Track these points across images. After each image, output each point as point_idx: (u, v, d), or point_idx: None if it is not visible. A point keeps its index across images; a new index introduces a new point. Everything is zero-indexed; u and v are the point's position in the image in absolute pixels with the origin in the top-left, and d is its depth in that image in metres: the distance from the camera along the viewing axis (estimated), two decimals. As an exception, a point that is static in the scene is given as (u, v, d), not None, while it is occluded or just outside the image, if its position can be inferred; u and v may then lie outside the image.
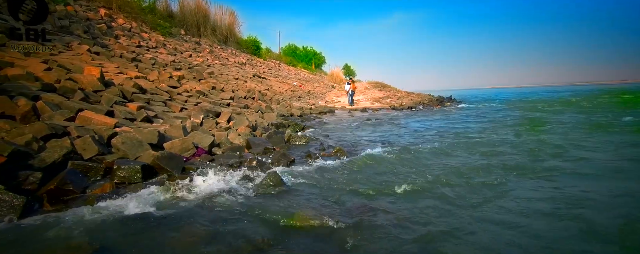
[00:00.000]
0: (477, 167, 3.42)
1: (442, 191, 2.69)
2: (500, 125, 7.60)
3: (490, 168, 3.41)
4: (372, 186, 2.78)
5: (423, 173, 3.24)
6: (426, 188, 2.79)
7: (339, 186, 2.78)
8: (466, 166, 3.48)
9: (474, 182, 2.97)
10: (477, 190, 2.77)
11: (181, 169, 2.98)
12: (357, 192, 2.64)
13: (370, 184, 2.87)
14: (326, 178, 2.96)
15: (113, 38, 10.50)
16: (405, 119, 9.24)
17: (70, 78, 4.92)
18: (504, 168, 3.44)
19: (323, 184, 2.81)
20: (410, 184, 2.82)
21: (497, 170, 3.37)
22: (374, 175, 3.17)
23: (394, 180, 3.03)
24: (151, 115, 4.72)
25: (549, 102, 17.22)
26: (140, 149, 3.17)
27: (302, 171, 3.02)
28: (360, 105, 14.84)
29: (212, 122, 5.26)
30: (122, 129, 3.63)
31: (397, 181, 2.92)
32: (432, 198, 2.55)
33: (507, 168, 3.44)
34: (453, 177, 3.09)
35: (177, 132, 4.06)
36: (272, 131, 4.75)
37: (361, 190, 2.69)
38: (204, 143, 3.88)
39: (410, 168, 3.47)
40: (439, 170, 3.38)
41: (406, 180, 2.98)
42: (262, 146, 4.09)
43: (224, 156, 3.62)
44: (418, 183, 2.87)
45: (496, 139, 5.24)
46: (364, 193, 2.62)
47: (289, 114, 9.01)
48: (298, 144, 4.59)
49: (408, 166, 3.52)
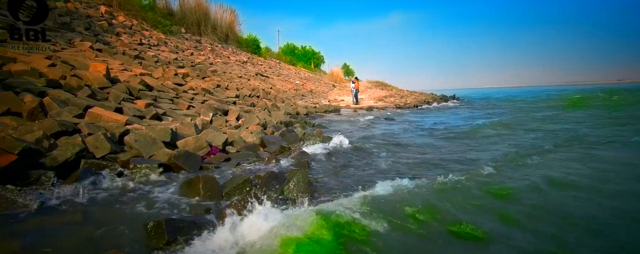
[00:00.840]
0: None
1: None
2: (520, 122, 7.50)
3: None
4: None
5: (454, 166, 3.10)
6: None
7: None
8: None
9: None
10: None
11: (198, 168, 2.83)
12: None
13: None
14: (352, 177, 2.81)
15: (114, 35, 10.32)
16: (414, 117, 9.12)
17: (75, 75, 4.76)
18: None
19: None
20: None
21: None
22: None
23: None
24: (160, 113, 4.57)
25: (555, 100, 17.16)
26: (154, 147, 3.03)
27: (326, 170, 2.87)
28: (364, 104, 14.71)
29: (221, 119, 5.11)
30: (133, 126, 3.48)
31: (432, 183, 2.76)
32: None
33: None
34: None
35: (189, 130, 3.92)
36: (284, 130, 4.60)
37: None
38: (217, 142, 3.74)
39: (430, 169, 3.33)
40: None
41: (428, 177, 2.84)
42: (277, 144, 3.95)
43: (240, 155, 3.48)
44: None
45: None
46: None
47: (295, 112, 8.87)
48: (312, 143, 4.45)
49: (428, 166, 3.38)
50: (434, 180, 2.39)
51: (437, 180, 2.38)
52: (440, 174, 2.53)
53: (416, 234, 1.70)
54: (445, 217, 1.89)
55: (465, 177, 2.48)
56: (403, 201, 1.96)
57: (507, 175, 2.74)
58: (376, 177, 2.80)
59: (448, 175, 2.47)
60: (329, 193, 2.30)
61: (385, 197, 2.04)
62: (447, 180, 2.39)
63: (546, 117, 8.32)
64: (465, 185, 2.35)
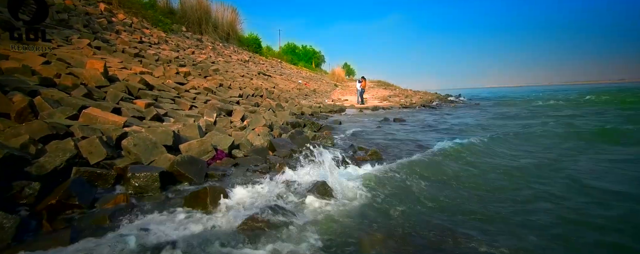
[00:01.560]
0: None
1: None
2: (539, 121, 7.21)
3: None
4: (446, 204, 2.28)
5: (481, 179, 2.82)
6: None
7: (401, 201, 2.32)
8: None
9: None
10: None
11: (204, 176, 2.55)
12: (434, 208, 2.17)
13: (440, 200, 2.40)
14: (380, 191, 2.52)
15: (114, 33, 10.04)
16: (425, 117, 8.82)
17: (71, 73, 4.48)
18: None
19: (381, 200, 2.35)
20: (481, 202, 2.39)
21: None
22: (434, 185, 2.73)
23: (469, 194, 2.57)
24: (161, 113, 4.29)
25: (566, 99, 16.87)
26: (154, 152, 2.75)
27: (348, 180, 2.58)
28: (368, 103, 14.43)
29: (226, 120, 4.83)
30: (132, 129, 3.20)
31: (471, 195, 2.48)
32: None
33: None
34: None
35: (193, 132, 3.64)
36: (293, 132, 4.32)
37: (433, 208, 2.21)
38: (223, 145, 3.45)
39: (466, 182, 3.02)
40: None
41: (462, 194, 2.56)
42: (287, 148, 3.67)
43: (248, 160, 3.19)
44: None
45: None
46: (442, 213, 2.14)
47: (300, 112, 8.59)
48: (324, 145, 4.17)
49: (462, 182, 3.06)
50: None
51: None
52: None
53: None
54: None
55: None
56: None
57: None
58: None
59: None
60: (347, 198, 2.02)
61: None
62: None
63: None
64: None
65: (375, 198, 2.19)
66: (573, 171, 3.09)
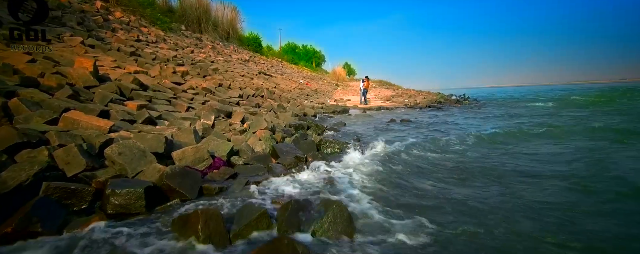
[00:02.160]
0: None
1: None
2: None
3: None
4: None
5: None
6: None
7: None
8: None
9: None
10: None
11: (198, 190, 2.22)
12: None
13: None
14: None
15: (110, 31, 9.71)
16: (433, 118, 8.47)
17: (58, 72, 4.15)
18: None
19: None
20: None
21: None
22: (466, 198, 2.39)
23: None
24: (154, 116, 3.96)
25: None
26: (142, 161, 2.42)
27: (363, 192, 2.25)
28: (371, 103, 14.09)
29: (225, 123, 4.50)
30: (119, 134, 2.87)
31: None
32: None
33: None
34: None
35: (188, 137, 3.31)
36: (297, 136, 3.99)
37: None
38: (221, 151, 3.13)
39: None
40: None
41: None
42: (291, 154, 3.34)
43: (249, 169, 2.86)
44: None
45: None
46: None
47: (303, 114, 8.25)
48: (331, 152, 3.84)
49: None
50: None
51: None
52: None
53: None
54: None
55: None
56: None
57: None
58: (436, 204, 2.18)
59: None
60: (378, 233, 1.67)
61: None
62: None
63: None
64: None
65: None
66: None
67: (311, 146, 3.73)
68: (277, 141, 4.44)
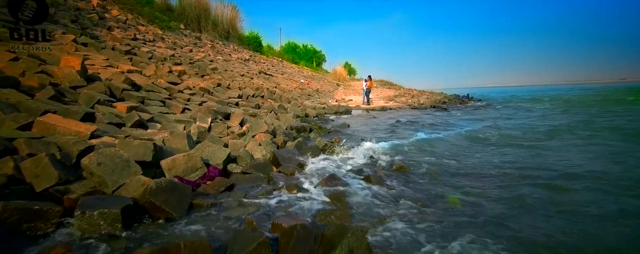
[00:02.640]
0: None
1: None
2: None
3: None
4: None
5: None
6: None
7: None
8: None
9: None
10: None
11: (187, 207, 1.92)
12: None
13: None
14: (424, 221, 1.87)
15: (105, 29, 9.40)
16: (441, 119, 8.16)
17: (43, 72, 3.86)
18: None
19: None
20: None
21: None
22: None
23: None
24: (145, 118, 3.66)
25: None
26: (125, 172, 2.12)
27: (379, 210, 1.95)
28: (374, 103, 13.79)
29: (222, 126, 4.20)
30: (102, 140, 2.57)
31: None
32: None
33: None
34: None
35: (180, 142, 3.01)
36: (300, 140, 3.69)
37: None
38: (216, 159, 2.83)
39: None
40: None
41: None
42: (294, 161, 3.04)
43: (247, 180, 2.57)
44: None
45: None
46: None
47: (304, 115, 7.95)
48: (337, 156, 3.54)
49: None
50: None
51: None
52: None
53: None
54: None
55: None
56: None
57: None
58: (463, 227, 1.87)
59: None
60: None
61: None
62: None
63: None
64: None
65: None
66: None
67: (315, 151, 3.43)
68: (278, 146, 4.14)
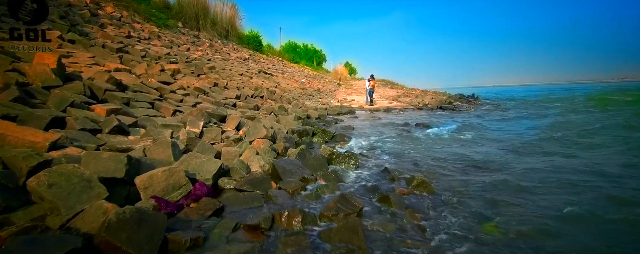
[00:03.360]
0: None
1: None
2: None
3: None
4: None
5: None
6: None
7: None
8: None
9: None
10: None
11: (158, 246, 1.47)
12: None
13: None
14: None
15: (97, 26, 8.97)
16: (450, 120, 7.69)
17: (15, 70, 3.43)
18: None
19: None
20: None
21: None
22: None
23: None
24: (127, 123, 3.21)
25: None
26: (85, 195, 1.68)
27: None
28: (377, 104, 13.34)
29: (216, 131, 3.75)
30: (65, 152, 2.13)
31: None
32: None
33: None
34: None
35: (164, 152, 2.57)
36: (304, 147, 3.23)
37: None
38: (205, 172, 2.39)
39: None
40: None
41: None
42: (297, 174, 2.60)
43: (240, 200, 2.12)
44: None
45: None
46: None
47: (306, 116, 7.50)
48: (345, 168, 3.09)
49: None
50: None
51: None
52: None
53: None
54: None
55: None
56: None
57: None
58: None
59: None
60: None
61: None
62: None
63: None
64: None
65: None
66: None
67: (321, 162, 2.98)
68: (279, 153, 3.70)
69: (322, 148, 3.37)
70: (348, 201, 2.00)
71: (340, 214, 1.89)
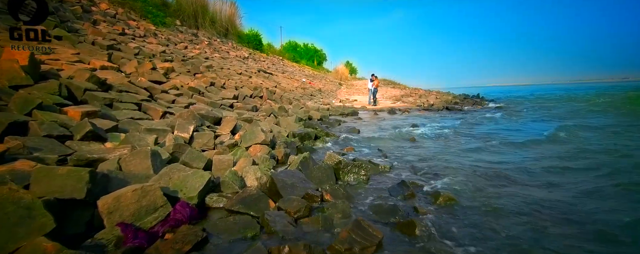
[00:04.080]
0: None
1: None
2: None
3: None
4: None
5: None
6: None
7: None
8: None
9: None
10: None
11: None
12: None
13: None
14: None
15: (90, 23, 8.56)
16: (460, 121, 7.26)
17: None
18: None
19: None
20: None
21: None
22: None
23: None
24: (105, 127, 2.81)
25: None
26: (21, 228, 1.29)
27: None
28: (381, 104, 12.92)
29: (208, 135, 3.34)
30: (12, 167, 1.72)
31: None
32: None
33: None
34: None
35: (142, 163, 2.17)
36: (306, 155, 2.82)
37: None
38: (189, 190, 1.98)
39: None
40: None
41: None
42: (300, 189, 2.19)
43: (229, 227, 1.72)
44: None
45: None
46: None
47: (308, 117, 7.09)
48: (356, 181, 2.68)
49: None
50: None
51: None
52: None
53: None
54: None
55: None
56: None
57: None
58: None
59: None
60: None
61: None
62: None
63: None
64: None
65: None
66: None
67: (327, 173, 2.57)
68: (278, 161, 3.30)
69: (328, 156, 2.96)
70: (364, 229, 1.59)
71: (355, 247, 1.49)
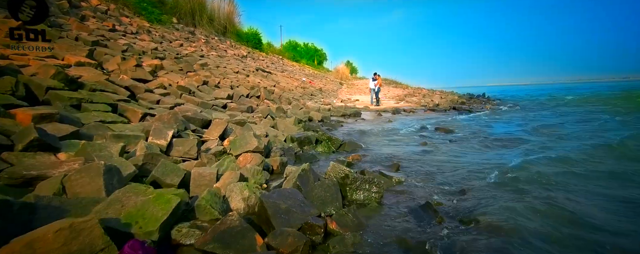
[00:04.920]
0: None
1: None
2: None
3: None
4: None
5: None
6: None
7: None
8: None
9: None
10: None
11: None
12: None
13: None
14: None
15: (77, 19, 8.06)
16: (473, 121, 6.76)
17: None
18: None
19: None
20: None
21: None
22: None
23: None
24: (60, 134, 2.30)
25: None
26: None
27: None
28: (383, 104, 12.42)
29: (191, 142, 2.84)
30: None
31: None
32: None
33: None
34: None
35: (92, 183, 1.67)
36: (306, 168, 2.31)
37: None
38: (147, 221, 1.47)
39: None
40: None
41: None
42: (297, 215, 1.70)
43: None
44: None
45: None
46: None
47: (308, 118, 6.59)
48: (366, 201, 2.18)
49: None
50: None
51: None
52: None
53: None
54: None
55: None
56: None
57: None
58: None
59: None
60: None
61: None
62: None
63: None
64: None
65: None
66: None
67: (331, 192, 2.06)
68: (273, 171, 2.80)
69: (331, 167, 2.45)
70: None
71: None
